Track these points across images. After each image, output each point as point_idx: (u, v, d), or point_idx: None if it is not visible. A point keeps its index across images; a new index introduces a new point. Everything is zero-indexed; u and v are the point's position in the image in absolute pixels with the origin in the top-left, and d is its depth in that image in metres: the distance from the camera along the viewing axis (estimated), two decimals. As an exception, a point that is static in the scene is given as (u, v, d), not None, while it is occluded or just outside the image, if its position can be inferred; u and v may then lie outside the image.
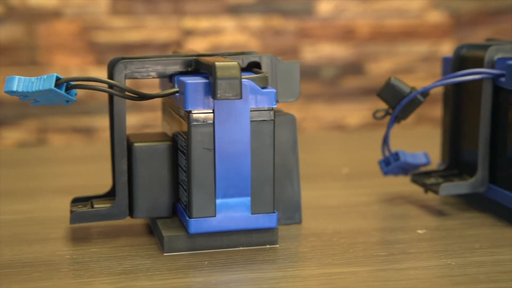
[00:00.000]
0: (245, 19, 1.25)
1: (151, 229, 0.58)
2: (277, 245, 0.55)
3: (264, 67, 0.57)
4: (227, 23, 1.25)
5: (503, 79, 0.59)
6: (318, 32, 1.29)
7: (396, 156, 0.65)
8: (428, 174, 0.66)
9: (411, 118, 1.18)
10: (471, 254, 0.53)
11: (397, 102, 0.63)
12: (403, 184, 0.70)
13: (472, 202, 0.65)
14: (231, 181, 0.53)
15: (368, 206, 0.66)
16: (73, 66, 1.15)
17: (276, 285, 0.48)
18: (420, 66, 1.27)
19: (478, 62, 0.61)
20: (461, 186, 0.62)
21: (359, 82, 1.27)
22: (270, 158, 0.54)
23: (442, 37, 1.31)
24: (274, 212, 0.54)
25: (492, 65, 0.60)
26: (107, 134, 1.13)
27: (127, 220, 0.57)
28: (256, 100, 0.52)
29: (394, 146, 0.67)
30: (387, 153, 0.66)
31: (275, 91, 0.53)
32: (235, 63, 0.50)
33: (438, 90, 0.71)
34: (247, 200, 0.53)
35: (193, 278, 0.48)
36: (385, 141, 0.65)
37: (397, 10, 1.30)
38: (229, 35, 1.26)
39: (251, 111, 0.52)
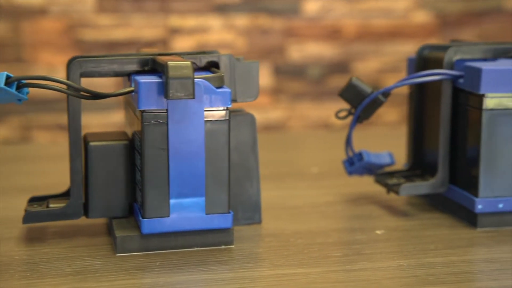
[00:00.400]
0: (231, 18, 1.25)
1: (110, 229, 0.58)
2: (233, 246, 0.55)
3: (223, 67, 0.57)
4: (214, 22, 1.25)
5: (461, 81, 0.59)
6: (305, 31, 1.29)
7: (359, 156, 0.65)
8: (392, 174, 0.66)
9: (397, 117, 1.18)
10: (424, 255, 0.53)
11: (359, 102, 0.63)
12: (370, 184, 0.70)
13: (436, 203, 0.65)
14: (185, 181, 0.53)
15: (331, 206, 0.66)
16: (59, 63, 1.16)
17: (224, 287, 0.48)
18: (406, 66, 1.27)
19: (438, 63, 0.61)
20: (421, 187, 0.62)
21: (345, 82, 1.28)
22: (225, 158, 0.54)
23: (428, 37, 1.31)
24: (229, 213, 0.54)
25: (451, 66, 0.60)
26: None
27: (86, 220, 0.57)
28: (211, 100, 0.52)
29: (376, 145, 0.67)
30: (350, 154, 0.66)
31: (230, 91, 0.53)
32: (188, 62, 0.50)
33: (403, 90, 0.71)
34: (201, 200, 0.53)
35: (141, 280, 0.48)
36: (348, 142, 0.65)
37: (383, 10, 1.30)
38: (216, 34, 1.26)
39: (205, 111, 0.52)
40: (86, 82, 0.54)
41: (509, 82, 0.57)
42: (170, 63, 0.50)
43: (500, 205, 0.58)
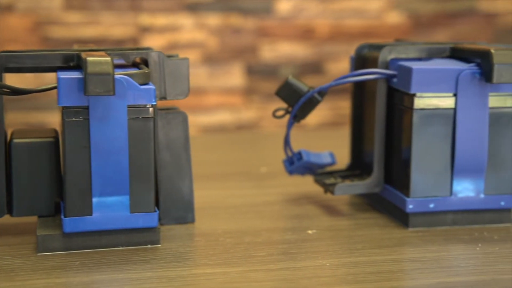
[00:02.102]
0: (203, 16, 1.25)
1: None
2: (159, 245, 0.54)
3: (152, 64, 0.56)
4: (185, 20, 1.25)
5: (395, 80, 0.59)
6: (277, 31, 1.29)
7: (299, 155, 0.65)
8: (331, 174, 0.66)
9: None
10: (349, 255, 0.53)
11: (295, 101, 0.63)
12: (313, 184, 0.69)
13: (374, 202, 0.65)
14: (108, 179, 0.52)
15: (269, 206, 0.65)
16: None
17: (139, 286, 0.47)
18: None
19: (374, 62, 0.60)
20: (356, 187, 0.61)
21: (318, 82, 1.27)
22: (150, 156, 0.53)
23: (401, 36, 1.30)
24: (154, 211, 0.54)
25: (386, 65, 0.60)
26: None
27: (15, 219, 0.56)
28: (134, 97, 0.52)
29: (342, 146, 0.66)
30: (289, 153, 0.65)
31: (154, 88, 0.53)
32: (108, 58, 0.50)
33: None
34: (125, 199, 0.53)
35: (56, 279, 0.48)
36: (286, 141, 0.65)
37: (356, 11, 1.30)
38: (187, 33, 1.26)
39: (128, 108, 0.52)
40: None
41: (440, 82, 0.56)
42: (89, 58, 0.49)
43: (431, 205, 0.58)
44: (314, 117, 1.30)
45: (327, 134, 1.11)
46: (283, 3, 1.28)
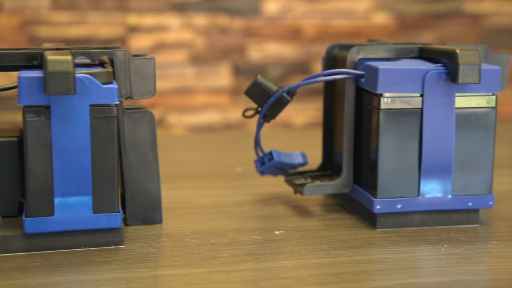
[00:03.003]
0: (191, 17, 1.25)
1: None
2: (123, 246, 0.54)
3: (117, 63, 0.56)
4: (173, 20, 1.25)
5: (363, 80, 0.59)
6: (265, 31, 1.28)
7: (270, 156, 0.65)
8: (302, 174, 0.66)
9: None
10: (314, 256, 0.53)
11: (265, 101, 0.62)
12: (286, 184, 0.69)
13: (345, 203, 0.64)
14: (71, 179, 0.52)
15: (239, 206, 0.65)
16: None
17: None
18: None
19: (344, 62, 0.60)
20: (325, 187, 0.61)
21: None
22: (113, 156, 0.53)
23: (388, 37, 1.30)
24: (118, 212, 0.53)
25: (354, 65, 0.59)
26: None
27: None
28: (97, 96, 0.52)
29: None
30: (260, 154, 0.65)
31: (116, 87, 0.52)
32: (68, 57, 0.49)
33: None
34: (88, 199, 0.52)
35: (14, 281, 0.47)
36: (256, 141, 0.64)
37: (343, 11, 1.30)
38: (175, 33, 1.25)
39: (91, 107, 0.52)
40: None
41: (406, 82, 0.56)
42: (49, 57, 0.49)
43: (399, 206, 0.57)
44: (301, 117, 1.30)
45: (314, 134, 1.10)
46: (270, 4, 1.28)
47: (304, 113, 1.30)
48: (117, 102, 0.52)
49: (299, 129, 1.27)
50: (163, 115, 1.24)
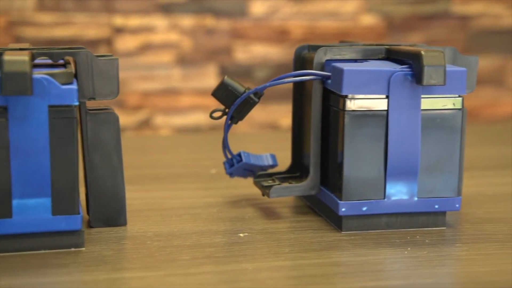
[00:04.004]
0: (177, 18, 1.24)
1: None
2: (83, 248, 0.53)
3: (80, 64, 0.55)
4: (159, 21, 1.24)
5: (330, 81, 0.58)
6: (251, 32, 1.28)
7: (239, 157, 0.64)
8: (271, 176, 0.65)
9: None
10: (275, 259, 0.52)
11: (232, 102, 0.62)
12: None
13: (314, 205, 0.64)
14: (29, 181, 0.51)
15: (207, 208, 0.64)
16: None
17: (50, 290, 0.46)
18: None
19: (312, 63, 0.60)
20: (292, 189, 0.60)
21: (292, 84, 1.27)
22: (73, 157, 0.52)
23: (376, 40, 1.30)
24: (78, 214, 0.53)
25: (321, 66, 0.59)
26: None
27: None
28: (55, 97, 0.51)
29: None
30: (229, 155, 0.64)
31: (76, 88, 0.52)
32: (25, 57, 0.49)
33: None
34: (47, 201, 0.52)
35: (-35, 283, 0.47)
36: (224, 143, 0.64)
37: (330, 12, 1.29)
38: (161, 34, 1.25)
39: (50, 108, 0.51)
40: None
41: (372, 84, 0.56)
42: (5, 58, 0.48)
43: (364, 208, 0.57)
44: (288, 118, 1.29)
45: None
46: (257, 5, 1.27)
47: (290, 115, 1.29)
48: (77, 103, 0.52)
49: (286, 131, 1.26)
50: (149, 116, 1.23)
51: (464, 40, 1.33)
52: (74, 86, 0.52)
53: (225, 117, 0.63)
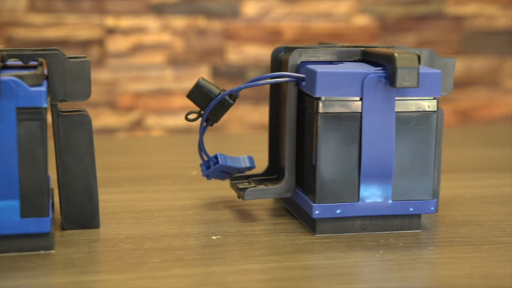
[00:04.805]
0: (169, 18, 1.24)
1: None
2: (53, 251, 0.53)
3: (52, 65, 0.55)
4: (151, 22, 1.24)
5: (304, 83, 0.58)
6: (244, 33, 1.28)
7: (215, 159, 0.64)
8: (247, 178, 0.65)
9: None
10: (245, 262, 0.52)
11: (207, 104, 0.61)
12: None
13: (291, 208, 0.63)
14: (-3, 183, 0.51)
15: (183, 211, 0.64)
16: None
17: (12, 294, 0.46)
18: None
19: (287, 65, 0.59)
20: (267, 191, 0.60)
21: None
22: (42, 159, 0.52)
23: (369, 41, 1.29)
24: (47, 216, 0.52)
25: (296, 68, 0.58)
26: None
27: None
28: (24, 99, 0.51)
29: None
30: (205, 158, 0.64)
31: (44, 90, 0.51)
32: (-8, 60, 0.48)
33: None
34: (15, 203, 0.52)
35: None
36: (200, 145, 0.63)
37: (323, 13, 1.29)
38: (153, 35, 1.25)
39: (18, 110, 0.51)
40: None
41: (345, 86, 0.55)
42: (-29, 60, 0.48)
43: (338, 211, 0.56)
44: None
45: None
46: (249, 6, 1.27)
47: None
48: (45, 105, 0.51)
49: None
50: (141, 117, 1.23)
51: (458, 41, 1.33)
52: (42, 88, 0.51)
53: (200, 119, 0.63)
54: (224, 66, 1.28)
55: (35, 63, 0.57)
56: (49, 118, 0.55)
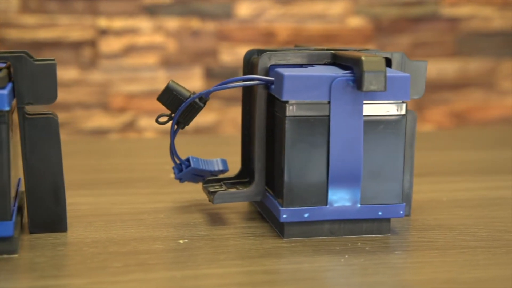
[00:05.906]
0: (162, 19, 1.23)
1: None
2: (16, 255, 0.53)
3: (18, 68, 0.55)
4: (144, 23, 1.23)
5: (273, 87, 0.57)
6: (237, 34, 1.27)
7: (188, 162, 0.63)
8: (219, 181, 0.64)
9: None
10: (207, 266, 0.51)
11: (177, 107, 0.61)
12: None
13: (263, 211, 0.63)
14: (-41, 187, 0.51)
15: (154, 214, 0.63)
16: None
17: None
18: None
19: (257, 68, 0.59)
20: (236, 195, 0.60)
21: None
22: (5, 163, 0.52)
23: (364, 42, 1.29)
24: (10, 220, 0.52)
25: (266, 71, 0.58)
26: None
27: None
28: None
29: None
30: (177, 161, 0.64)
31: (6, 93, 0.51)
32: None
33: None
34: (-23, 206, 0.51)
35: None
36: (171, 149, 0.63)
37: (317, 15, 1.28)
38: (146, 36, 1.24)
39: (-20, 114, 0.50)
40: None
41: (313, 89, 0.55)
42: None
43: (306, 215, 0.56)
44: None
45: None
46: (243, 7, 1.26)
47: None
48: (7, 108, 0.51)
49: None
50: (134, 119, 1.23)
51: (454, 42, 1.32)
52: (4, 91, 0.51)
53: (171, 122, 0.62)
54: (218, 67, 1.28)
55: (2, 65, 0.56)
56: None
